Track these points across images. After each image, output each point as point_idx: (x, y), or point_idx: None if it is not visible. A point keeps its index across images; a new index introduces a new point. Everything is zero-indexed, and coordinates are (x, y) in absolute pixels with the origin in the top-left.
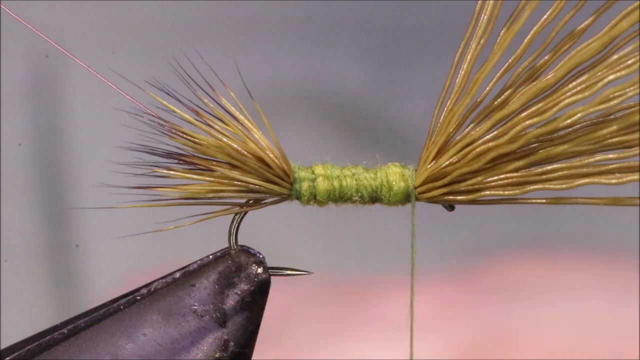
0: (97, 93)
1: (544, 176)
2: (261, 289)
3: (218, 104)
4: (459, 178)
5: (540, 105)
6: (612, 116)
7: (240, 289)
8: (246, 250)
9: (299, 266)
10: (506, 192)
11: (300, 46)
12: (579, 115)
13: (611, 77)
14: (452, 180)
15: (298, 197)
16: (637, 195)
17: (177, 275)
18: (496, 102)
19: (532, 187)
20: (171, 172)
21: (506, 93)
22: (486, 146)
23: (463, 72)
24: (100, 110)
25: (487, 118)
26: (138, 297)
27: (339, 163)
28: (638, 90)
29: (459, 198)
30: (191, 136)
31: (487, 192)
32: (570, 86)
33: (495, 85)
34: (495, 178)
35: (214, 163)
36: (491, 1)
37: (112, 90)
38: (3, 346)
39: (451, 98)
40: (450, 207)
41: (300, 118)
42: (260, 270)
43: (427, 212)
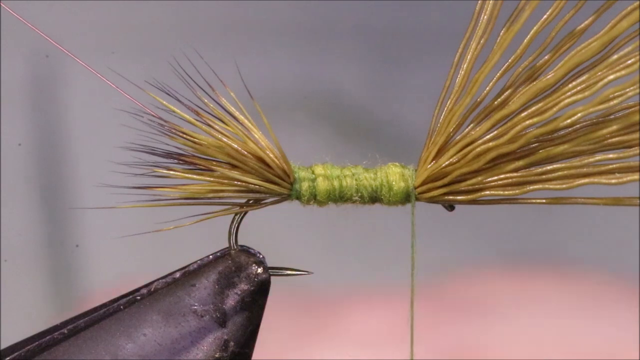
0: (97, 93)
1: (544, 176)
2: (261, 289)
3: (218, 104)
4: (459, 178)
5: (540, 105)
6: (612, 116)
7: (240, 289)
8: (246, 250)
9: (299, 266)
10: (506, 192)
11: (300, 47)
12: (579, 115)
13: (611, 77)
14: (452, 180)
15: (298, 197)
16: (637, 195)
17: (177, 275)
18: (496, 102)
19: (532, 187)
20: (171, 172)
21: (506, 93)
22: (486, 146)
23: (463, 72)
24: (100, 110)
25: (487, 118)
26: (138, 297)
27: (339, 163)
28: (638, 90)
29: (459, 198)
30: (191, 136)
31: (487, 192)
32: (570, 86)
33: (495, 85)
34: (495, 178)
35: (214, 163)
36: (491, 1)
37: (112, 90)
38: (3, 346)
39: (451, 98)
40: (450, 207)
41: (300, 118)
42: (260, 270)
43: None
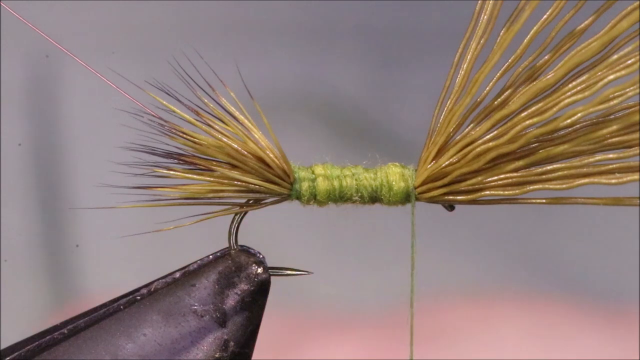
0: (97, 93)
1: (544, 176)
2: (261, 289)
3: (218, 104)
4: (459, 178)
5: (540, 105)
6: (612, 116)
7: (240, 289)
8: (246, 250)
9: (299, 266)
10: (506, 192)
11: (300, 47)
12: (579, 115)
13: (611, 77)
14: (452, 180)
15: (298, 197)
16: (637, 195)
17: (177, 275)
18: (496, 102)
19: (532, 187)
20: (171, 172)
21: (506, 93)
22: (486, 146)
23: (463, 72)
24: (100, 110)
25: (487, 118)
26: (138, 297)
27: (339, 163)
28: (638, 90)
29: (459, 198)
30: (191, 136)
31: (487, 192)
32: (570, 86)
33: (495, 85)
34: (495, 178)
35: (214, 163)
36: (491, 1)
37: (112, 90)
38: (3, 346)
39: (451, 98)
40: (450, 207)
41: (300, 118)
42: (260, 270)
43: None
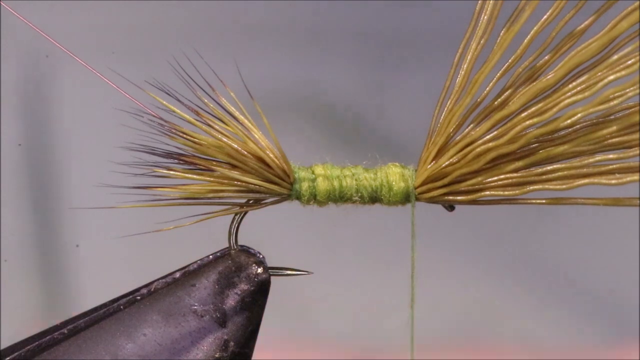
0: (97, 93)
1: (544, 176)
2: (261, 289)
3: (218, 104)
4: (459, 178)
5: (540, 105)
6: (612, 116)
7: (240, 289)
8: (246, 250)
9: (299, 266)
10: (506, 193)
11: (300, 47)
12: (579, 115)
13: (611, 78)
14: (452, 180)
15: (298, 197)
16: (637, 195)
17: (177, 275)
18: (496, 103)
19: (532, 188)
20: (171, 172)
21: (506, 93)
22: (486, 146)
23: (463, 72)
24: (100, 110)
25: (487, 118)
26: (138, 297)
27: (339, 163)
28: (638, 90)
29: (459, 198)
30: (191, 136)
31: (487, 193)
32: (570, 86)
33: (495, 85)
34: (495, 178)
35: (214, 163)
36: (491, 1)
37: (112, 90)
38: (3, 346)
39: (451, 98)
40: (450, 208)
41: (300, 118)
42: (260, 270)
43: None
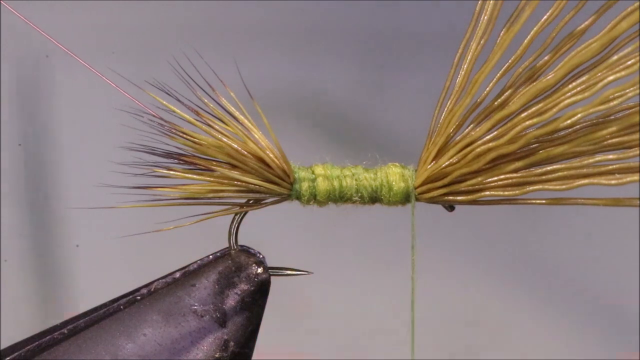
0: (97, 93)
1: (544, 177)
2: (261, 289)
3: (218, 104)
4: (459, 178)
5: (540, 105)
6: (612, 117)
7: (240, 289)
8: (246, 250)
9: (299, 266)
10: (506, 193)
11: (300, 48)
12: (579, 115)
13: (611, 78)
14: (452, 180)
15: (298, 197)
16: (637, 196)
17: (177, 275)
18: (496, 103)
19: (532, 188)
20: (171, 172)
21: (506, 93)
22: (486, 147)
23: (463, 73)
24: (100, 110)
25: (487, 118)
26: (138, 297)
27: (339, 163)
28: (638, 91)
29: (459, 198)
30: (191, 136)
31: (487, 193)
32: (570, 87)
33: (495, 85)
34: (495, 178)
35: (214, 163)
36: (491, 1)
37: (112, 90)
38: (3, 346)
39: (451, 98)
40: (450, 208)
41: (300, 118)
42: (260, 270)
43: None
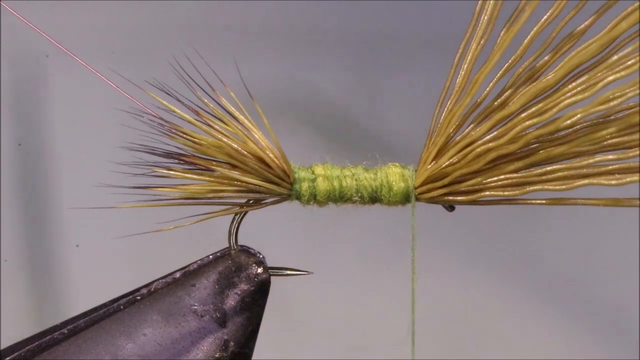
0: (97, 93)
1: (544, 177)
2: (261, 289)
3: (218, 104)
4: (459, 178)
5: (540, 105)
6: (612, 117)
7: (240, 289)
8: (246, 250)
9: (299, 266)
10: (506, 193)
11: (300, 48)
12: (579, 116)
13: (611, 78)
14: (452, 180)
15: (298, 197)
16: (637, 196)
17: (177, 275)
18: (496, 103)
19: (532, 188)
20: (171, 172)
21: (506, 93)
22: (486, 147)
23: (463, 73)
24: (100, 110)
25: (487, 118)
26: (138, 297)
27: (339, 163)
28: (638, 91)
29: (459, 198)
30: (191, 136)
31: (487, 193)
32: (570, 87)
33: (495, 85)
34: (495, 179)
35: (214, 163)
36: (491, 1)
37: (112, 90)
38: (3, 346)
39: (451, 98)
40: (450, 208)
41: (300, 118)
42: (260, 270)
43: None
